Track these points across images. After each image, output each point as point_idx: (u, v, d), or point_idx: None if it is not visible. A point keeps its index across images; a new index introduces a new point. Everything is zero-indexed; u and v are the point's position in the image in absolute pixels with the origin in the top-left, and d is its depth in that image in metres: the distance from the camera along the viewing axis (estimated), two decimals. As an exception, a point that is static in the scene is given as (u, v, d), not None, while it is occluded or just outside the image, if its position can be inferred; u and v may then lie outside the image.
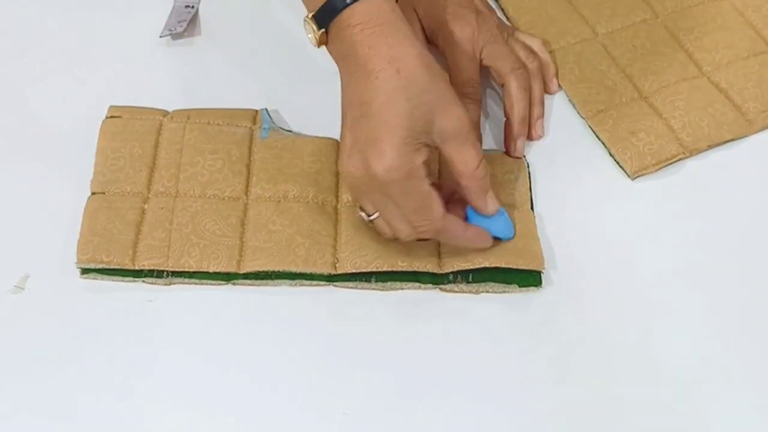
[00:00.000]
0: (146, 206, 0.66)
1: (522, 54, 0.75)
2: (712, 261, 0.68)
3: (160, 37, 0.78)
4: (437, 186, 0.61)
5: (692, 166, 0.73)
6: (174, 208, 0.66)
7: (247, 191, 0.68)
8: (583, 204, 0.70)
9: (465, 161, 0.60)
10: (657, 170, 0.71)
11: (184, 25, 0.78)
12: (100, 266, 0.63)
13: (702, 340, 0.64)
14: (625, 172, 0.72)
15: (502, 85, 0.73)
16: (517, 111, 0.72)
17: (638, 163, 0.71)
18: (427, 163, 0.60)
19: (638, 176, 0.71)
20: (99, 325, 0.62)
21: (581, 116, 0.75)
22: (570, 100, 0.76)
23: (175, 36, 0.78)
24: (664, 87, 0.75)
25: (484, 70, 0.74)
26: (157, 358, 0.61)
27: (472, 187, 0.62)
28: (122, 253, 0.64)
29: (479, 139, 0.63)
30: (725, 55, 0.77)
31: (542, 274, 0.65)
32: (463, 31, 0.72)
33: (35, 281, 0.64)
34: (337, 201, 0.68)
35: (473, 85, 0.72)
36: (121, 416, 0.59)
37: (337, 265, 0.64)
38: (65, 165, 0.69)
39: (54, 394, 0.59)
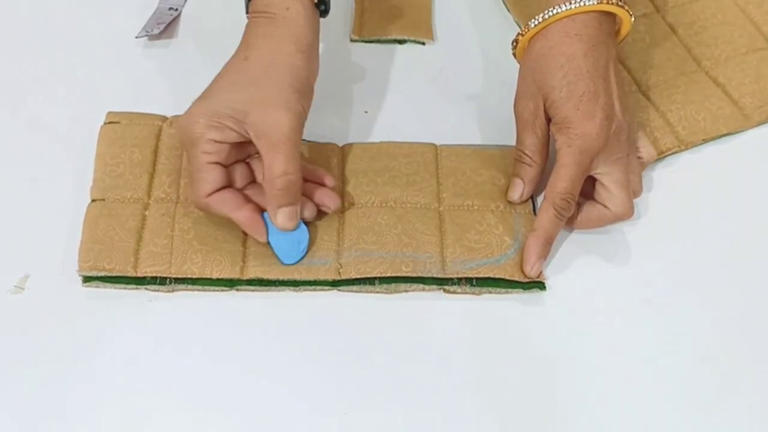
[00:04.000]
0: (147, 213, 0.66)
1: (636, 189, 0.68)
2: (708, 255, 0.68)
3: (136, 37, 0.78)
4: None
5: (688, 159, 0.73)
6: (175, 214, 0.66)
7: None
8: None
9: (268, 165, 0.61)
10: (652, 162, 0.71)
11: (162, 27, 0.78)
12: (102, 274, 0.63)
13: (700, 337, 0.64)
14: None
15: (598, 202, 0.67)
16: (583, 229, 0.68)
17: None
18: (226, 146, 0.62)
19: None
20: (99, 326, 0.62)
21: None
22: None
23: (151, 37, 0.78)
24: (661, 81, 0.76)
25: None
26: (158, 359, 0.61)
27: (267, 193, 0.62)
28: (124, 260, 0.64)
29: (296, 151, 0.62)
30: (724, 50, 0.78)
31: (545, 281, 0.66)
32: (590, 142, 0.63)
33: (35, 281, 0.64)
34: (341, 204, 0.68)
35: (569, 199, 0.64)
36: (121, 418, 0.59)
37: (340, 270, 0.64)
38: (65, 167, 0.70)
39: (53, 394, 0.59)
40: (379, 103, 0.76)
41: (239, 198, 0.63)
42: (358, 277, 0.64)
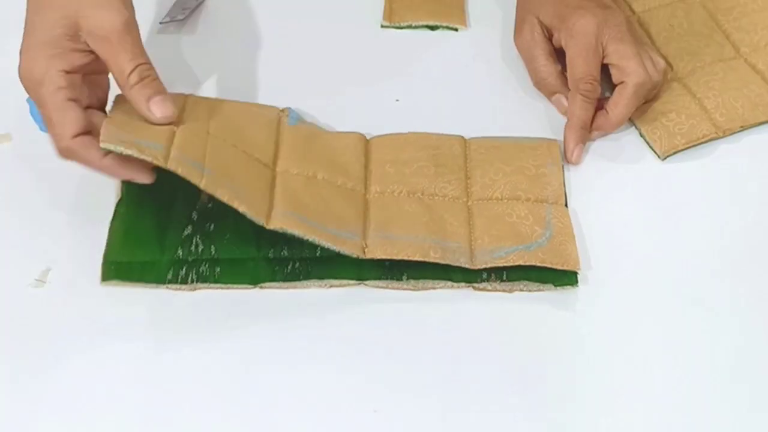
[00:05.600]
0: (176, 129, 0.62)
1: (648, 64, 0.71)
2: (752, 247, 0.66)
3: (161, 23, 0.77)
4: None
5: (725, 148, 0.71)
6: (206, 147, 0.62)
7: (274, 163, 0.66)
8: (614, 187, 0.69)
9: (118, 66, 0.59)
10: (687, 148, 0.70)
11: (187, 12, 0.78)
12: (120, 147, 0.58)
13: (736, 331, 0.62)
14: (656, 153, 0.71)
15: (616, 85, 0.71)
16: (620, 115, 0.70)
17: (668, 143, 0.70)
18: (78, 78, 0.59)
19: (668, 156, 0.71)
20: (121, 319, 0.62)
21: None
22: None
23: (177, 23, 0.77)
24: (699, 67, 0.75)
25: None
26: (180, 355, 0.60)
27: (129, 95, 0.60)
28: (156, 135, 0.60)
29: (139, 43, 0.60)
30: (764, 36, 0.76)
31: (578, 273, 0.64)
32: (588, 23, 0.70)
33: (57, 275, 0.63)
34: (366, 191, 0.66)
35: (591, 81, 0.70)
36: (144, 412, 0.58)
37: (366, 250, 0.62)
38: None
39: (74, 387, 0.59)
40: (411, 91, 0.75)
41: None
42: (385, 258, 0.62)
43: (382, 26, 0.79)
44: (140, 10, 0.68)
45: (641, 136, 0.72)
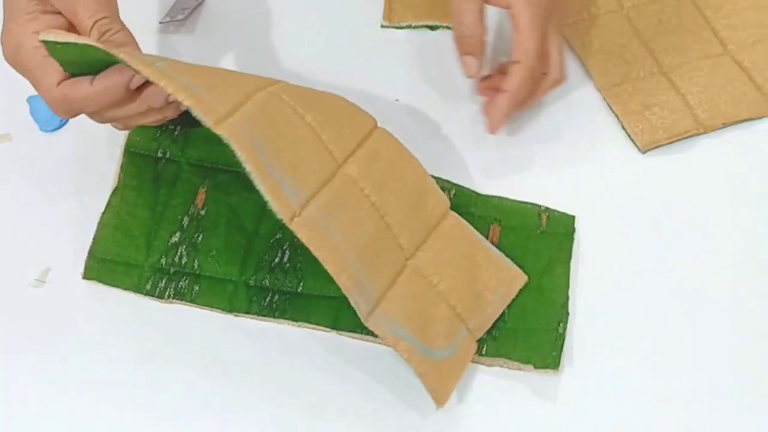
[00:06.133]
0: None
1: None
2: (724, 244, 0.67)
3: (161, 23, 0.77)
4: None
5: (706, 143, 0.71)
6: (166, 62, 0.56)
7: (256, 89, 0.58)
8: (592, 179, 0.70)
9: (78, 25, 0.58)
10: (668, 143, 0.71)
11: (187, 12, 0.78)
12: (60, 37, 0.55)
13: (718, 322, 0.63)
14: (636, 146, 0.71)
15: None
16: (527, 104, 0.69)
17: (649, 137, 0.71)
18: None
19: (649, 150, 0.71)
20: (121, 318, 0.63)
21: (597, 89, 0.74)
22: (587, 72, 0.75)
23: (176, 23, 0.78)
24: (685, 63, 0.75)
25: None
26: (182, 356, 0.61)
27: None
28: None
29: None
30: (752, 34, 0.76)
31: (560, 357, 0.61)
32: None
33: (56, 275, 0.64)
34: (342, 165, 0.60)
35: (539, 58, 0.65)
36: (143, 411, 0.59)
37: (294, 219, 0.54)
38: (86, 160, 0.70)
39: (72, 386, 0.60)
40: (411, 91, 0.75)
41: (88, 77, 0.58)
42: (303, 240, 0.54)
43: (382, 26, 0.79)
44: (140, 10, 0.69)
45: (623, 128, 0.72)
